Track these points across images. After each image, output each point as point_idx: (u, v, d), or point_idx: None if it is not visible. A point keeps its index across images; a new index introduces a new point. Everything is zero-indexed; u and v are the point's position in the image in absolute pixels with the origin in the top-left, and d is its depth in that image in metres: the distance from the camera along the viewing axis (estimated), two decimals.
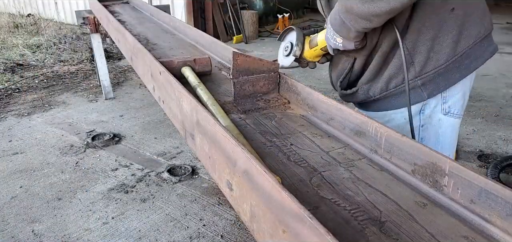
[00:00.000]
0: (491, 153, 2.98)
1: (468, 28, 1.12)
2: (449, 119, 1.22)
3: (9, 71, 4.94)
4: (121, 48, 2.42)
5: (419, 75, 1.15)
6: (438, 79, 1.15)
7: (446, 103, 1.20)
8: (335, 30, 1.15)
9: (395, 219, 0.77)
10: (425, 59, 1.13)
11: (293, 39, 1.36)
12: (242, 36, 7.07)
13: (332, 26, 1.15)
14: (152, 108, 3.82)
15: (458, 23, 1.11)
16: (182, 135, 1.26)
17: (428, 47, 1.12)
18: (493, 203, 0.72)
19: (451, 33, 1.11)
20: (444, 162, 0.81)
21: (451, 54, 1.12)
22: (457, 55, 1.12)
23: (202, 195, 2.43)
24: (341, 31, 1.13)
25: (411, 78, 1.16)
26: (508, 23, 8.10)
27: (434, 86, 1.16)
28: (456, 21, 1.11)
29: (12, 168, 2.77)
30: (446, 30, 1.11)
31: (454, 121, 1.24)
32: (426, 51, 1.13)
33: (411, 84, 1.16)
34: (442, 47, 1.12)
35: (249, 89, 1.34)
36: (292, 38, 1.37)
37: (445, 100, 1.20)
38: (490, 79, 4.62)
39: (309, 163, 0.98)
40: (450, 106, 1.21)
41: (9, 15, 8.60)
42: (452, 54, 1.12)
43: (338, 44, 1.18)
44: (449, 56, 1.12)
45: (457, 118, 1.24)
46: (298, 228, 0.63)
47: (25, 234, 2.11)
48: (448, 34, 1.11)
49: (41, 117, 3.66)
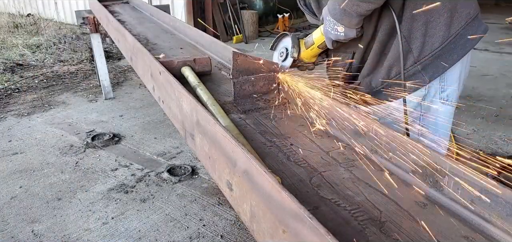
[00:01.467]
0: (491, 153, 2.98)
1: (458, 10, 1.16)
2: (447, 107, 1.27)
3: (9, 71, 4.94)
4: (121, 48, 2.42)
5: (418, 60, 1.19)
6: (436, 61, 1.19)
7: (444, 92, 1.24)
8: (336, 19, 1.18)
9: (395, 219, 0.77)
10: (421, 44, 1.17)
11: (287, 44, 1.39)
12: (242, 36, 7.07)
13: (333, 17, 1.19)
14: (152, 108, 3.81)
15: (447, 6, 1.15)
16: (182, 135, 1.26)
17: (423, 32, 1.17)
18: (493, 203, 0.72)
19: (442, 16, 1.15)
20: (444, 162, 0.81)
21: (445, 36, 1.16)
22: (451, 37, 1.17)
23: (202, 195, 2.43)
24: (342, 20, 1.17)
25: (411, 64, 1.19)
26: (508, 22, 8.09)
27: (435, 69, 1.19)
28: (445, 4, 1.15)
29: (12, 168, 2.77)
30: (437, 14, 1.15)
31: (451, 109, 1.29)
32: (421, 36, 1.17)
33: (411, 70, 1.20)
34: (435, 31, 1.16)
35: (249, 89, 1.34)
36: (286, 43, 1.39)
37: (444, 89, 1.24)
38: (490, 79, 4.62)
39: (309, 163, 0.98)
40: (448, 94, 1.25)
41: (9, 15, 8.61)
42: (446, 36, 1.16)
43: (340, 34, 1.21)
44: (443, 38, 1.16)
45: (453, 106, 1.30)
46: (298, 228, 0.63)
47: (25, 234, 2.11)
48: (440, 18, 1.15)
49: (41, 118, 3.66)
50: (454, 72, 1.23)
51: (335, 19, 1.18)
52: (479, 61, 5.24)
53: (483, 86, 4.35)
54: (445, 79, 1.23)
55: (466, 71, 1.31)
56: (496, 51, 5.87)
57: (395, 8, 1.16)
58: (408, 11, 1.16)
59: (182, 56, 1.75)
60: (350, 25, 1.18)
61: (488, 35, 1.27)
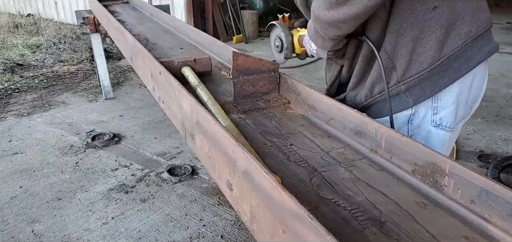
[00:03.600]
0: (491, 153, 2.98)
1: (457, 28, 1.03)
2: (440, 132, 1.13)
3: (9, 71, 4.94)
4: (121, 48, 2.42)
5: (402, 80, 1.07)
6: (423, 84, 1.06)
7: (437, 115, 1.11)
8: (311, 38, 1.14)
9: (395, 219, 0.77)
10: (407, 63, 1.05)
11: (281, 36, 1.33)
12: (242, 36, 7.07)
13: (308, 33, 1.15)
14: (152, 108, 3.81)
15: (442, 22, 1.02)
16: (182, 135, 1.26)
17: (409, 49, 1.04)
18: (493, 203, 0.72)
19: (434, 34, 1.02)
20: (444, 162, 0.81)
21: (436, 57, 1.03)
22: (444, 58, 1.03)
23: (202, 195, 2.43)
24: (316, 40, 1.12)
25: (394, 83, 1.08)
26: (508, 23, 8.10)
27: (420, 92, 1.07)
28: (440, 20, 1.02)
29: (12, 168, 2.77)
30: (428, 31, 1.03)
31: (445, 135, 1.13)
32: (408, 54, 1.04)
33: (394, 90, 1.09)
34: (425, 49, 1.03)
35: (249, 89, 1.34)
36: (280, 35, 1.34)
37: (436, 111, 1.11)
38: (490, 79, 4.59)
39: (309, 163, 0.98)
40: (442, 118, 1.11)
41: (9, 15, 8.60)
42: (437, 56, 1.03)
43: (313, 51, 1.19)
44: (433, 58, 1.03)
45: (449, 132, 1.13)
46: (298, 228, 0.63)
47: (25, 234, 2.11)
48: (431, 35, 1.03)
49: (41, 117, 3.66)
50: (450, 93, 1.09)
51: (310, 37, 1.14)
52: None
53: None
54: (437, 99, 1.09)
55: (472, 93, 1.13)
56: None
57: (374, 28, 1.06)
58: (392, 24, 1.04)
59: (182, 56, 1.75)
60: (323, 47, 1.11)
61: None
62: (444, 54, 1.03)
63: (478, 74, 1.11)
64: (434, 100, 1.10)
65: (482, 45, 1.06)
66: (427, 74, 1.05)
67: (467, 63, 1.05)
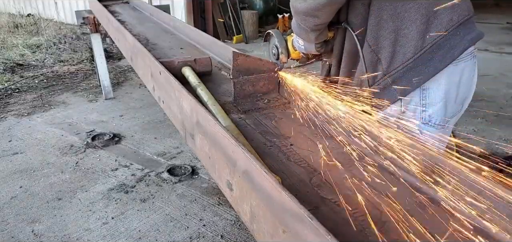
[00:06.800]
0: (491, 153, 2.98)
1: (438, 17, 1.02)
2: (429, 130, 1.12)
3: (9, 71, 4.94)
4: (121, 48, 2.42)
5: (388, 72, 1.07)
6: (409, 74, 1.05)
7: (426, 112, 1.10)
8: (296, 33, 1.18)
9: (395, 219, 0.77)
10: (391, 54, 1.05)
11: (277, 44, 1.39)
12: (242, 36, 7.07)
13: (293, 30, 1.19)
14: (152, 108, 3.81)
15: (422, 11, 1.02)
16: (182, 135, 1.26)
17: (392, 41, 1.04)
18: (493, 203, 0.72)
19: (414, 24, 1.02)
20: (444, 162, 0.81)
21: (419, 46, 1.03)
22: (427, 46, 1.03)
23: (202, 195, 2.43)
24: (301, 34, 1.16)
25: (380, 77, 1.09)
26: (508, 23, 8.10)
27: (406, 83, 1.06)
28: (420, 10, 1.02)
29: (12, 168, 2.77)
30: (409, 21, 1.02)
31: (435, 132, 1.12)
32: (391, 46, 1.05)
33: (382, 83, 1.09)
34: (407, 40, 1.03)
35: (249, 89, 1.34)
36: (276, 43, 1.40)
37: (425, 109, 1.10)
38: (490, 79, 4.62)
39: (309, 163, 0.98)
40: (431, 115, 1.11)
41: (9, 15, 8.61)
42: (420, 46, 1.03)
43: (301, 46, 1.22)
44: (416, 48, 1.03)
45: (439, 129, 1.12)
46: (298, 228, 0.63)
47: (25, 234, 2.11)
48: (412, 25, 1.02)
49: (41, 117, 3.66)
50: (438, 89, 1.08)
51: (295, 32, 1.18)
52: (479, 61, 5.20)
53: (483, 86, 4.35)
54: (426, 96, 1.09)
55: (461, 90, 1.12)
56: (496, 51, 5.86)
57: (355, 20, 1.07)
58: (373, 17, 1.05)
59: (183, 56, 1.75)
60: (308, 40, 1.15)
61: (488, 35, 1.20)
62: (427, 44, 1.03)
63: (467, 70, 1.10)
64: (423, 97, 1.09)
65: (464, 33, 1.05)
66: (412, 64, 1.05)
67: (451, 52, 1.04)
